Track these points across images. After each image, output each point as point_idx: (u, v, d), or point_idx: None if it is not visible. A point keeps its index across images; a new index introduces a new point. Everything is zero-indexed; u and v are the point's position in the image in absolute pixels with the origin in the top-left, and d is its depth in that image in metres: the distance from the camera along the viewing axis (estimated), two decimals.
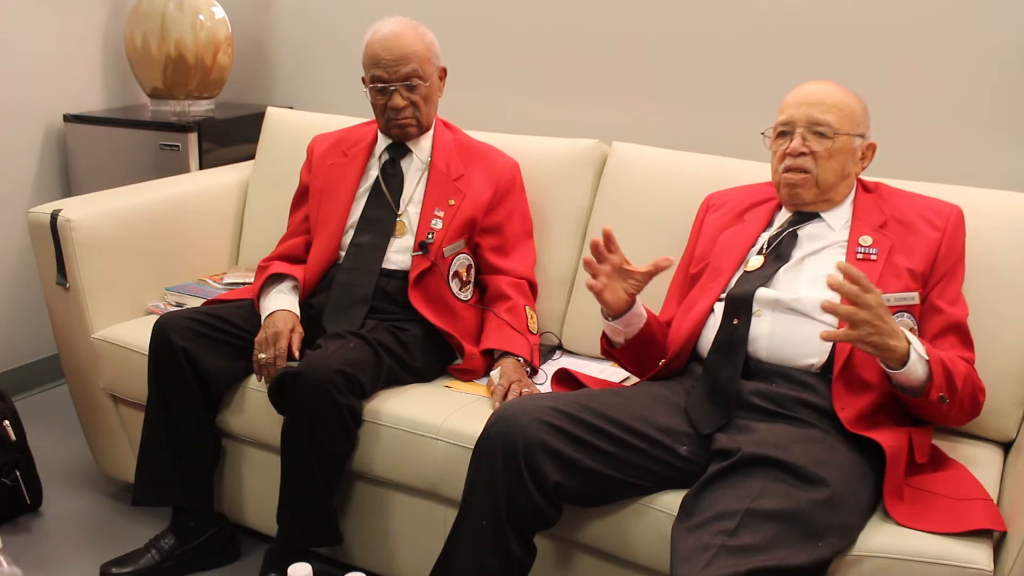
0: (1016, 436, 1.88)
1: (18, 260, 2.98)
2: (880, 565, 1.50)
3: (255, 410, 2.09)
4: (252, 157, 2.80)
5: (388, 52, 2.12)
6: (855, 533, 1.52)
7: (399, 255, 2.15)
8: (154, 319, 2.12)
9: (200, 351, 2.03)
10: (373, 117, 2.25)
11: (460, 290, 2.17)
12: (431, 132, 2.24)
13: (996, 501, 1.66)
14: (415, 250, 2.13)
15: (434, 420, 1.91)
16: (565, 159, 2.35)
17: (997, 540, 1.54)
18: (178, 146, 2.84)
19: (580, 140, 2.36)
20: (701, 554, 1.42)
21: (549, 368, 2.12)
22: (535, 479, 1.58)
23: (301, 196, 2.32)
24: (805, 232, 1.81)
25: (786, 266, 1.78)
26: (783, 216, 1.88)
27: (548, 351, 2.26)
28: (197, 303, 2.31)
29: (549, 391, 1.92)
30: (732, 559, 1.40)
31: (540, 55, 2.75)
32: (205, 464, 2.13)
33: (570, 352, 2.29)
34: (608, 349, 1.90)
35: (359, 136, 2.29)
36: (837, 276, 1.51)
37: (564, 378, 1.91)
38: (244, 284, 2.44)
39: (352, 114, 2.60)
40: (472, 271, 2.21)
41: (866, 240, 1.76)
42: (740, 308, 1.74)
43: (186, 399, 2.05)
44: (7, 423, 2.30)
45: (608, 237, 1.71)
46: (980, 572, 1.46)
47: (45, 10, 2.95)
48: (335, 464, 1.94)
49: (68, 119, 3.01)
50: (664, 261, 1.69)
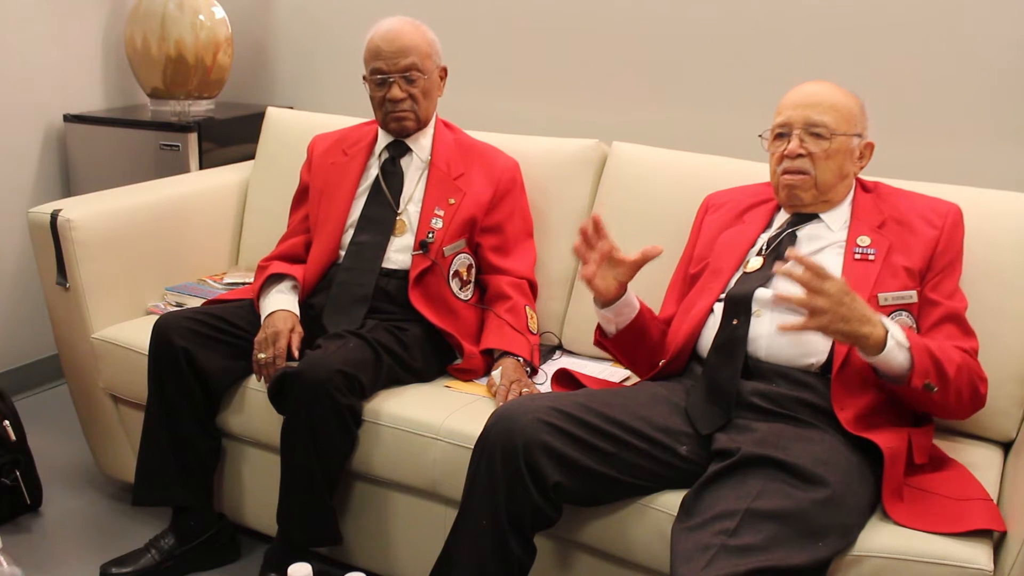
0: (1016, 436, 1.88)
1: (18, 260, 2.98)
2: (880, 565, 1.50)
3: (255, 410, 2.09)
4: (252, 157, 2.80)
5: (388, 44, 2.12)
6: (855, 533, 1.52)
7: (399, 254, 2.15)
8: (154, 319, 2.12)
9: (200, 351, 2.03)
10: (373, 117, 2.26)
11: (460, 290, 2.17)
12: (431, 131, 2.24)
13: (996, 501, 1.66)
14: (415, 249, 2.13)
15: (434, 420, 1.91)
16: (565, 159, 2.35)
17: (997, 540, 1.54)
18: (178, 146, 2.84)
19: (580, 140, 2.36)
20: (701, 554, 1.42)
21: (549, 368, 2.12)
22: (535, 479, 1.58)
23: (301, 196, 2.32)
24: (804, 233, 1.81)
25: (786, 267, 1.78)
26: (782, 217, 1.88)
27: (548, 351, 2.26)
28: (197, 303, 2.31)
29: (549, 391, 1.92)
30: (732, 559, 1.40)
31: (540, 55, 2.75)
32: (205, 464, 2.13)
33: (570, 352, 2.29)
34: (600, 340, 1.91)
35: (359, 135, 2.29)
36: (795, 268, 1.50)
37: (564, 378, 1.91)
38: (244, 284, 2.45)
39: (352, 114, 2.60)
40: (472, 271, 2.21)
41: (864, 240, 1.76)
42: (740, 308, 1.74)
43: (186, 399, 2.05)
44: (7, 423, 2.30)
45: (596, 223, 1.72)
46: (980, 572, 1.46)
47: (45, 10, 2.95)
48: (335, 464, 1.94)
49: (68, 119, 3.01)
50: (652, 250, 1.70)
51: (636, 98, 2.63)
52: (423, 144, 2.23)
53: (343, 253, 2.17)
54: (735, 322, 1.74)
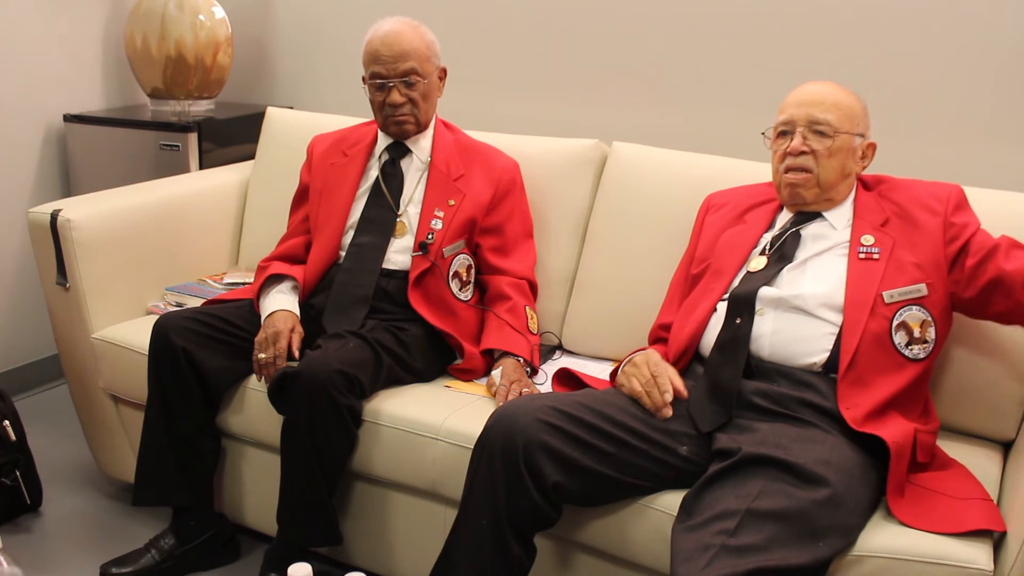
0: (1016, 436, 1.88)
1: (18, 260, 2.98)
2: (880, 565, 1.50)
3: (255, 410, 2.09)
4: (252, 157, 2.80)
5: (388, 48, 2.12)
6: (855, 533, 1.52)
7: (399, 255, 2.15)
8: (154, 319, 2.12)
9: (200, 351, 2.03)
10: (373, 117, 2.25)
11: (460, 290, 2.17)
12: (431, 132, 2.24)
13: (996, 501, 1.67)
14: (415, 250, 2.13)
15: (434, 420, 1.91)
16: (565, 159, 2.35)
17: (997, 540, 1.54)
18: (178, 146, 2.84)
19: (580, 140, 2.36)
20: (701, 554, 1.42)
21: (549, 368, 2.12)
22: (535, 479, 1.58)
23: (301, 196, 2.32)
24: (808, 232, 1.81)
25: (790, 266, 1.78)
26: (785, 216, 1.88)
27: (548, 351, 2.26)
28: (197, 303, 2.30)
29: (549, 391, 1.92)
30: (732, 559, 1.40)
31: (540, 55, 2.75)
32: (205, 464, 2.13)
33: (570, 352, 2.29)
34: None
35: (359, 136, 2.29)
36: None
37: (565, 378, 1.91)
38: (244, 284, 2.45)
39: (352, 114, 2.60)
40: (472, 271, 2.21)
41: (868, 239, 1.76)
42: (743, 307, 1.74)
43: (186, 399, 2.05)
44: (7, 423, 2.30)
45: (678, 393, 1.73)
46: (980, 572, 1.46)
47: (45, 10, 2.95)
48: (335, 464, 1.94)
49: (68, 119, 3.01)
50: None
51: (636, 98, 2.63)
52: (423, 145, 2.23)
53: (343, 254, 2.17)
54: (738, 321, 1.74)
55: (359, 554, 2.08)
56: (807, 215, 1.83)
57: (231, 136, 2.97)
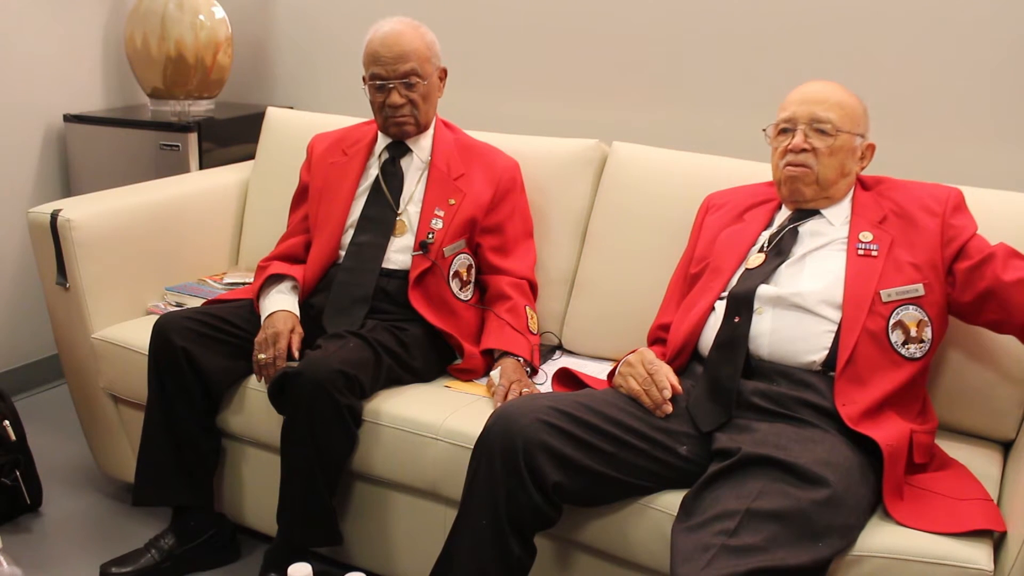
0: (1016, 436, 1.88)
1: (18, 260, 2.98)
2: (880, 565, 1.50)
3: (255, 410, 2.09)
4: (252, 157, 2.80)
5: (388, 50, 2.12)
6: (855, 533, 1.52)
7: (399, 255, 2.15)
8: (154, 319, 2.12)
9: (200, 351, 2.03)
10: (373, 117, 2.25)
11: (460, 290, 2.17)
12: (431, 132, 2.24)
13: (996, 501, 1.66)
14: (415, 250, 2.13)
15: (434, 420, 1.91)
16: (565, 159, 2.35)
17: (997, 540, 1.54)
18: (178, 146, 2.84)
19: (580, 140, 2.36)
20: (701, 554, 1.42)
21: (549, 368, 2.12)
22: (535, 479, 1.58)
23: (301, 195, 2.32)
24: (806, 228, 1.81)
25: (787, 262, 1.78)
26: (783, 215, 1.88)
27: (548, 351, 2.26)
28: (197, 303, 2.30)
29: (549, 391, 1.92)
30: (732, 559, 1.40)
31: (540, 55, 2.75)
32: (205, 464, 2.13)
33: (570, 352, 2.29)
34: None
35: (359, 135, 2.29)
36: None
37: (565, 377, 1.91)
38: (244, 284, 2.44)
39: (352, 114, 2.60)
40: (472, 271, 2.21)
41: (866, 236, 1.76)
42: (741, 306, 1.75)
43: (186, 399, 2.05)
44: (7, 423, 2.30)
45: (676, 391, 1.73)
46: (980, 572, 1.46)
47: (45, 10, 2.95)
48: (335, 464, 1.94)
49: (68, 119, 3.01)
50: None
51: (636, 98, 2.63)
52: (423, 145, 2.23)
53: (343, 253, 2.17)
54: (737, 319, 1.74)
55: (359, 554, 2.08)
56: (805, 212, 1.83)
57: (231, 136, 2.97)
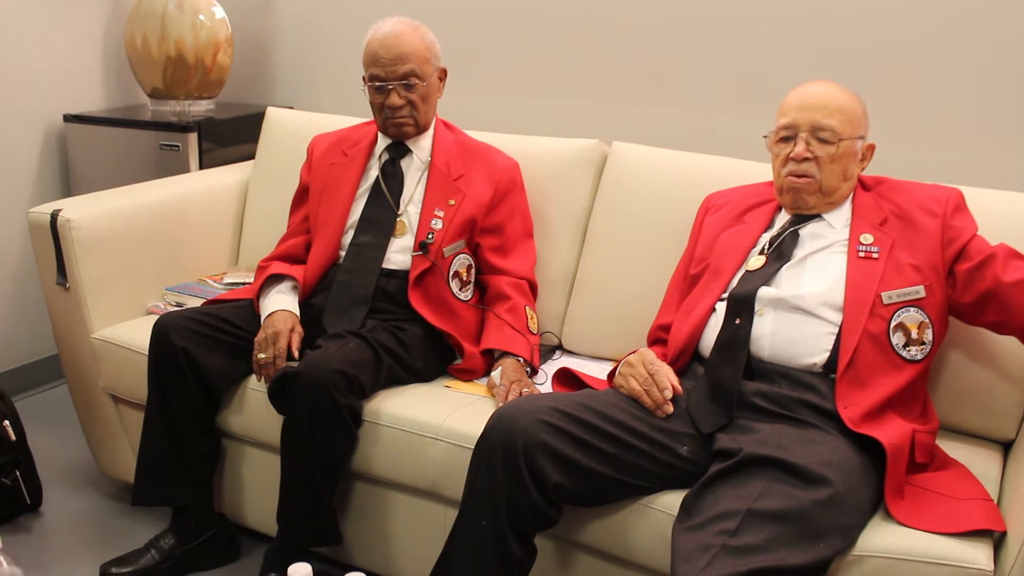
0: (1016, 436, 1.88)
1: (18, 260, 2.98)
2: (880, 565, 1.50)
3: (255, 410, 2.09)
4: (252, 157, 2.80)
5: (387, 51, 2.12)
6: (856, 533, 1.52)
7: (399, 255, 2.15)
8: (154, 319, 2.12)
9: (200, 351, 2.03)
10: (373, 117, 2.25)
11: (460, 290, 2.17)
12: (431, 132, 2.24)
13: (996, 501, 1.67)
14: (415, 250, 2.13)
15: (434, 420, 1.91)
16: (565, 159, 2.35)
17: (997, 540, 1.54)
18: (178, 146, 2.84)
19: (580, 140, 2.36)
20: (702, 554, 1.42)
21: (549, 368, 2.12)
22: (535, 479, 1.58)
23: (301, 196, 2.32)
24: (806, 231, 1.81)
25: (788, 264, 1.78)
26: (784, 216, 1.88)
27: (548, 351, 2.26)
28: (197, 303, 2.30)
29: (549, 391, 1.92)
30: (733, 559, 1.40)
31: (540, 55, 2.75)
32: (205, 464, 2.13)
33: (570, 352, 2.29)
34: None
35: (359, 136, 2.29)
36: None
37: (565, 378, 1.91)
38: (244, 284, 2.45)
39: (352, 114, 2.60)
40: (472, 271, 2.21)
41: (867, 238, 1.76)
42: (742, 308, 1.74)
43: (186, 399, 2.05)
44: (7, 423, 2.30)
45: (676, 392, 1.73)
46: (980, 572, 1.46)
47: (45, 10, 2.95)
48: (335, 464, 1.94)
49: (68, 119, 3.01)
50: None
51: (636, 98, 2.63)
52: (423, 145, 2.23)
53: (343, 254, 2.17)
54: (738, 321, 1.74)
55: (359, 554, 2.08)
56: (806, 216, 1.83)
57: (231, 136, 2.97)
